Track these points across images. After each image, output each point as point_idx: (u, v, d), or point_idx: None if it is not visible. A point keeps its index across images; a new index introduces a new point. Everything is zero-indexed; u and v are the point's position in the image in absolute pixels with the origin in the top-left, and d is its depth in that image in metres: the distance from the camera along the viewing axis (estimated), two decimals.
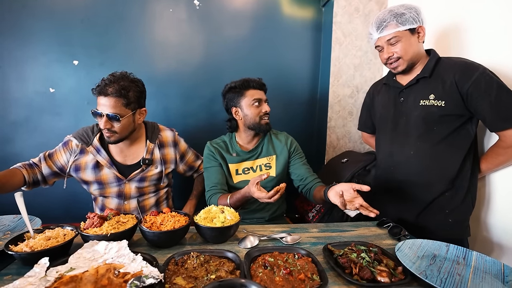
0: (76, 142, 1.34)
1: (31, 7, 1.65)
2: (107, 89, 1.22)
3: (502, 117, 1.15)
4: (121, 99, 1.24)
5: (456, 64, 1.22)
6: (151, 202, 1.47)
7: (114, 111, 1.23)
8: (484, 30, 1.35)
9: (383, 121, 1.45)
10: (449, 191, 1.27)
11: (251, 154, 1.48)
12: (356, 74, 2.04)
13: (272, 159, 1.49)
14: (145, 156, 1.39)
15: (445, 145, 1.25)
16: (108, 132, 1.26)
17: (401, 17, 1.21)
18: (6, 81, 1.67)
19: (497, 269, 0.84)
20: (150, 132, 1.45)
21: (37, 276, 0.71)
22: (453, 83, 1.19)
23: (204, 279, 0.75)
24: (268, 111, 1.42)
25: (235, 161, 1.47)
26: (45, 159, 1.33)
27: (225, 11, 1.88)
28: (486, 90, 1.13)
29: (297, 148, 1.53)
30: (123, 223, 0.99)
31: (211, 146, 1.48)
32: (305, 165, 1.50)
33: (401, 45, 1.24)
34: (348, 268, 0.84)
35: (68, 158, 1.34)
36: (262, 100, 1.42)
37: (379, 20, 1.26)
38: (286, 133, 1.58)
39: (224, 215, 1.03)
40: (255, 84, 1.43)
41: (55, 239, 0.89)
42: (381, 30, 1.25)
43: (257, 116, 1.41)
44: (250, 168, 1.48)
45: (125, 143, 1.38)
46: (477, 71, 1.15)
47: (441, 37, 1.58)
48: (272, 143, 1.52)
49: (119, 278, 0.72)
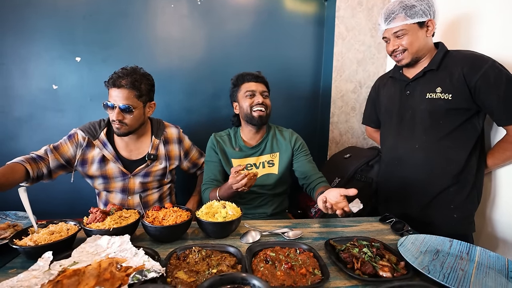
0: (82, 135, 1.34)
1: (34, 4, 1.65)
2: (120, 81, 1.25)
3: (510, 111, 1.13)
4: (134, 91, 1.27)
5: (465, 57, 1.19)
6: (155, 198, 1.47)
7: (127, 103, 1.26)
8: (494, 23, 1.32)
9: (389, 114, 1.43)
10: (454, 186, 1.25)
11: (255, 150, 1.48)
12: (359, 69, 2.02)
13: (275, 156, 1.48)
14: (150, 151, 1.40)
15: (451, 139, 1.23)
16: (119, 124, 1.28)
17: (411, 9, 1.18)
18: (10, 78, 1.68)
19: (501, 265, 0.84)
20: (156, 128, 1.46)
21: (41, 269, 0.72)
22: (461, 76, 1.17)
23: (205, 273, 0.76)
24: (260, 101, 1.39)
25: (238, 156, 1.46)
26: (52, 152, 1.30)
27: (226, 6, 1.86)
28: (495, 83, 1.11)
29: (302, 146, 1.51)
30: (125, 218, 1.00)
31: (214, 139, 1.48)
32: (310, 163, 1.47)
33: (408, 38, 1.22)
34: (350, 263, 0.84)
35: (75, 151, 1.34)
36: (256, 91, 1.41)
37: (388, 11, 1.24)
38: (291, 130, 1.56)
39: (226, 210, 1.03)
40: (249, 77, 1.43)
41: (59, 234, 0.90)
42: (389, 22, 1.23)
43: (248, 107, 1.40)
44: (253, 164, 1.47)
45: (131, 138, 1.38)
46: (486, 64, 1.13)
47: (449, 30, 1.55)
48: (276, 140, 1.51)
49: (122, 272, 0.73)
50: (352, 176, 1.63)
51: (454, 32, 1.52)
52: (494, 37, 1.32)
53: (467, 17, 1.45)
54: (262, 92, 1.43)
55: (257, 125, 1.43)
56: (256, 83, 1.43)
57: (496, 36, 1.31)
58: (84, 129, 1.36)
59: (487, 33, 1.35)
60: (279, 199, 1.50)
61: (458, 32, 1.50)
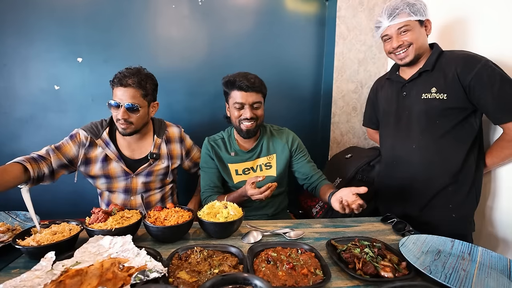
0: (85, 134, 1.34)
1: (35, 5, 1.66)
2: (127, 80, 1.26)
3: (505, 110, 1.13)
4: (140, 90, 1.28)
5: (458, 57, 1.20)
6: (157, 198, 1.48)
7: (133, 101, 1.27)
8: (488, 23, 1.33)
9: (386, 115, 1.44)
10: (452, 186, 1.25)
11: (251, 154, 1.44)
12: (360, 69, 2.02)
13: (272, 158, 1.45)
14: (152, 150, 1.41)
15: (448, 139, 1.24)
16: (124, 123, 1.28)
17: (413, 6, 1.20)
18: (12, 79, 1.69)
19: (503, 265, 0.83)
20: (158, 128, 1.46)
21: (43, 269, 0.73)
22: (455, 76, 1.17)
23: (207, 274, 0.76)
24: (248, 116, 1.29)
25: (234, 161, 1.43)
26: (54, 152, 1.27)
27: (227, 6, 1.87)
28: (489, 82, 1.11)
29: (300, 146, 1.48)
30: (127, 218, 1.00)
31: (208, 144, 1.44)
32: (309, 163, 1.47)
33: (412, 34, 1.22)
34: (352, 263, 0.84)
35: (77, 151, 1.33)
36: (246, 104, 1.29)
37: (391, 8, 1.24)
38: (287, 129, 1.53)
39: (227, 210, 1.03)
40: (241, 85, 1.27)
41: (61, 234, 0.90)
42: (393, 18, 1.23)
43: (236, 120, 1.34)
44: (250, 168, 1.44)
45: (134, 137, 1.39)
46: (479, 63, 1.14)
47: (444, 31, 1.55)
48: (272, 141, 1.47)
49: (124, 272, 0.73)
50: (353, 176, 1.63)
51: (450, 33, 1.52)
52: (489, 38, 1.33)
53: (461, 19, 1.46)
54: (252, 103, 1.30)
55: (244, 137, 1.39)
56: (246, 93, 1.29)
57: (491, 37, 1.31)
58: (86, 128, 1.36)
59: (482, 34, 1.36)
60: (279, 199, 1.50)
61: (453, 33, 1.51)
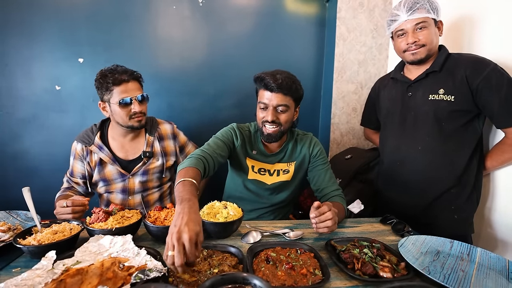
0: (80, 146, 1.36)
1: (37, 5, 1.67)
2: (124, 76, 1.29)
3: (510, 114, 1.13)
4: (138, 82, 1.35)
5: (468, 60, 1.21)
6: (155, 197, 1.48)
7: (141, 92, 1.34)
8: (495, 26, 1.32)
9: (390, 116, 1.43)
10: (455, 187, 1.26)
11: (273, 158, 1.35)
12: (360, 70, 2.02)
13: (291, 165, 1.36)
14: (145, 149, 1.41)
15: (453, 141, 1.24)
16: (140, 115, 1.33)
17: (432, 4, 1.20)
18: (13, 79, 1.70)
19: (502, 266, 0.84)
20: (149, 126, 1.46)
21: (44, 268, 0.73)
22: (464, 78, 1.18)
23: (207, 273, 0.76)
24: (270, 120, 1.18)
25: (253, 158, 1.35)
26: (71, 180, 1.39)
27: (228, 7, 1.87)
28: (497, 86, 1.12)
29: (320, 153, 1.35)
30: (127, 218, 1.01)
31: (237, 129, 1.33)
32: (326, 173, 1.33)
33: (428, 32, 1.21)
34: (351, 263, 0.84)
35: (83, 165, 1.37)
36: (269, 105, 1.19)
37: (411, 2, 1.21)
38: (312, 135, 1.41)
39: (227, 210, 1.04)
40: (268, 84, 1.17)
41: (62, 233, 0.91)
42: (412, 12, 1.20)
43: (260, 121, 1.26)
44: (267, 170, 1.36)
45: (127, 138, 1.40)
46: (488, 67, 1.14)
47: (451, 33, 1.55)
48: (296, 147, 1.37)
49: (124, 271, 0.73)
50: (353, 177, 1.63)
51: (457, 35, 1.52)
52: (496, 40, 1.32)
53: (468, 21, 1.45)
54: (277, 105, 1.19)
55: (265, 141, 1.29)
56: (271, 94, 1.18)
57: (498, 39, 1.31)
58: (79, 139, 1.38)
59: (490, 37, 1.35)
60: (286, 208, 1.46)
61: (460, 35, 1.50)
